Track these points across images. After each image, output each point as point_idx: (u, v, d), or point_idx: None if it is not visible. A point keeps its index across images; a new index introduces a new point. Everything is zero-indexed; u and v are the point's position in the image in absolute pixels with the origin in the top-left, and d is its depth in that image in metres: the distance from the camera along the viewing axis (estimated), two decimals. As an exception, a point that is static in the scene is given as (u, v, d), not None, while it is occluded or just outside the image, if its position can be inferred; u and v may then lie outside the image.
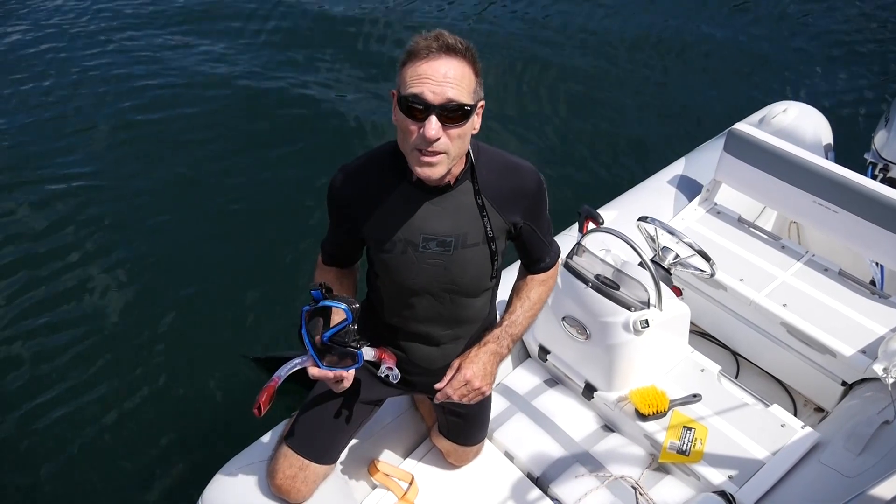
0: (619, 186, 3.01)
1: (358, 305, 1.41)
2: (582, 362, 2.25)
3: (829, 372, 2.32)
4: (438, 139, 1.30)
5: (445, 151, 1.33)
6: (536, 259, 1.68)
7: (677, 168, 2.93)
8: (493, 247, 1.54)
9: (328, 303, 1.39)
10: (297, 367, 1.47)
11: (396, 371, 1.51)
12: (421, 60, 1.29)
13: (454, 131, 1.32)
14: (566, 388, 2.36)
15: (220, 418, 2.78)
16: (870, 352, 2.18)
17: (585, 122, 4.51)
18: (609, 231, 2.13)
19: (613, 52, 5.13)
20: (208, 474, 1.90)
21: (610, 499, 2.03)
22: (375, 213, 1.51)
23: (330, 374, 1.43)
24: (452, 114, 1.30)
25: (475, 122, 1.38)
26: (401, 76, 1.33)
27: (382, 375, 1.52)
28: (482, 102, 1.39)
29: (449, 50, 1.29)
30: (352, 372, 1.45)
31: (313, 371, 1.42)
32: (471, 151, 1.47)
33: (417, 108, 1.29)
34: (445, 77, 1.28)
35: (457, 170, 1.45)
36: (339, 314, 1.41)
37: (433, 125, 1.29)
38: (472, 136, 1.41)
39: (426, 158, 1.33)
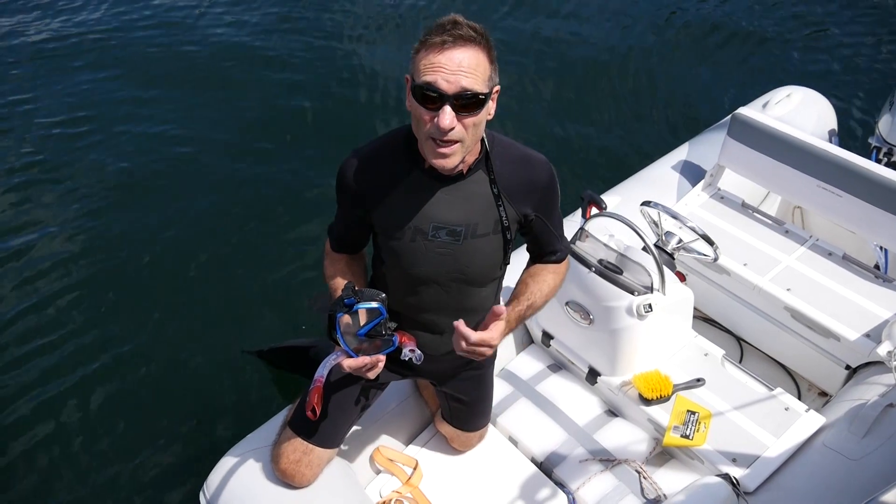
0: (623, 172, 3.00)
1: (385, 295, 1.39)
2: (585, 347, 2.25)
3: (833, 356, 2.31)
4: (453, 128, 1.29)
5: (460, 140, 1.32)
6: (549, 252, 1.66)
7: (681, 153, 2.92)
8: (508, 235, 1.53)
9: (362, 306, 1.37)
10: (333, 363, 1.45)
11: (419, 352, 1.47)
12: (435, 48, 1.27)
13: (469, 120, 1.30)
14: (570, 374, 2.36)
15: (223, 404, 2.78)
16: (874, 335, 2.18)
17: (588, 107, 4.48)
18: (612, 216, 2.12)
19: (615, 38, 5.10)
20: (212, 460, 1.91)
21: (614, 483, 2.04)
22: (386, 200, 1.49)
23: (367, 360, 1.39)
24: (467, 103, 1.28)
25: (490, 108, 1.36)
26: (414, 63, 1.31)
27: (406, 359, 1.47)
28: (497, 87, 1.37)
29: (463, 38, 1.27)
30: (383, 356, 1.42)
31: (349, 362, 1.39)
32: (486, 140, 1.45)
33: (431, 97, 1.27)
34: (460, 66, 1.26)
35: (470, 158, 1.44)
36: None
37: (447, 115, 1.27)
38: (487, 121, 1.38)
39: (441, 150, 1.31)
